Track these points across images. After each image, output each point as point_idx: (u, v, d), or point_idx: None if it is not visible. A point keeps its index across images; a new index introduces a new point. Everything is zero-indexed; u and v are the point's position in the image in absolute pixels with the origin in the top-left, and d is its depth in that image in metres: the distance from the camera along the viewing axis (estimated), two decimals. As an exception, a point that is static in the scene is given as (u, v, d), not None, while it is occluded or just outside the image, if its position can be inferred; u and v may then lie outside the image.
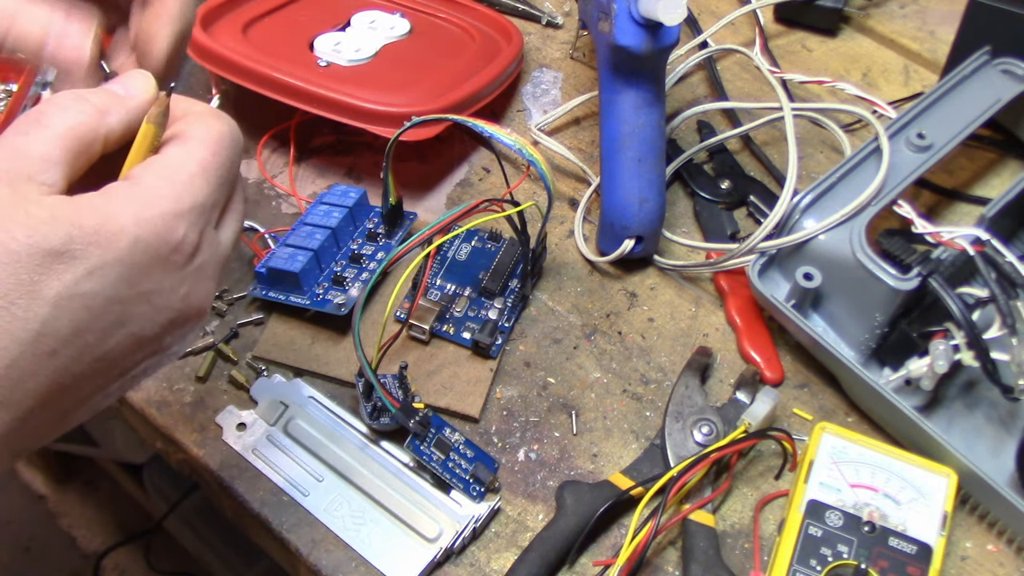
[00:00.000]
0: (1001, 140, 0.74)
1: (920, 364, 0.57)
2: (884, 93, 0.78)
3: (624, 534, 0.56)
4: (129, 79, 0.42)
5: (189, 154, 0.40)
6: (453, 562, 0.55)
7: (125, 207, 0.37)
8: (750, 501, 0.58)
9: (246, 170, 0.71)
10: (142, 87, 0.42)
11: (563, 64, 0.81)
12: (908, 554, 0.52)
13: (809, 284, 0.60)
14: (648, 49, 0.59)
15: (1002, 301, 0.55)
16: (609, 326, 0.65)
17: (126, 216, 0.37)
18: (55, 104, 0.39)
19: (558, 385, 0.62)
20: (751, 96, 0.78)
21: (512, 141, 0.57)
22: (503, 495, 0.57)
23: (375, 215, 0.68)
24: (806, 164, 0.74)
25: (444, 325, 0.63)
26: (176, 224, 0.38)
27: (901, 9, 0.86)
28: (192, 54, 0.70)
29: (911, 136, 0.63)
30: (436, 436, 0.56)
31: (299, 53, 0.72)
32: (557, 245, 0.69)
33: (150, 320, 0.38)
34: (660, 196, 0.64)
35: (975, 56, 0.68)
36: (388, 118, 0.66)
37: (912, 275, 0.57)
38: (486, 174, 0.73)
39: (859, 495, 0.54)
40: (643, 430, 0.60)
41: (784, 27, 0.84)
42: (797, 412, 0.61)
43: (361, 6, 0.78)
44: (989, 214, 0.60)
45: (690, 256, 0.69)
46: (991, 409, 0.60)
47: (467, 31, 0.79)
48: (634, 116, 0.62)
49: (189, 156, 0.40)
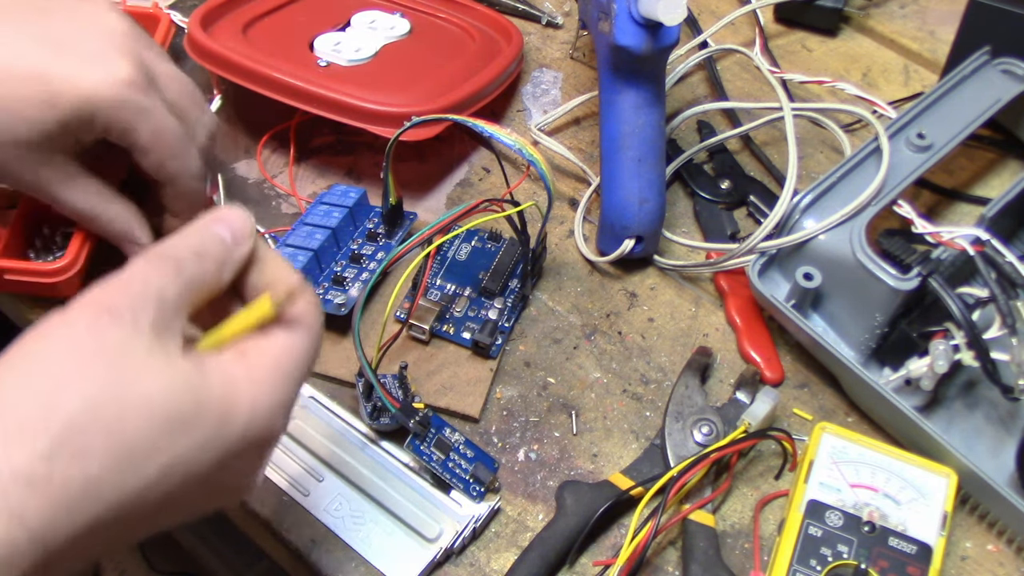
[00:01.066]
0: (1001, 140, 0.74)
1: (920, 364, 0.57)
2: (884, 93, 0.78)
3: (624, 534, 0.56)
4: (234, 222, 0.42)
5: (297, 346, 0.41)
6: (453, 562, 0.55)
7: (245, 390, 0.38)
8: (750, 501, 0.58)
9: (246, 170, 0.71)
10: (247, 234, 0.42)
11: (563, 64, 0.81)
12: (908, 554, 0.52)
13: (809, 284, 0.60)
14: (648, 49, 0.59)
15: (1002, 301, 0.55)
16: (609, 326, 0.65)
17: (244, 400, 0.38)
18: (187, 250, 0.40)
19: (558, 385, 0.62)
20: (751, 96, 0.78)
21: (512, 141, 0.57)
22: (503, 495, 0.57)
23: (375, 215, 0.68)
24: (806, 164, 0.74)
25: (444, 325, 0.63)
26: (278, 416, 0.40)
27: (901, 9, 0.86)
28: (192, 54, 0.70)
29: (911, 136, 0.63)
30: (436, 436, 0.56)
31: (299, 53, 0.72)
32: (557, 245, 0.69)
33: (223, 486, 0.40)
34: (660, 196, 0.64)
35: (975, 56, 0.68)
36: (388, 118, 0.66)
37: (912, 275, 0.57)
38: (486, 174, 0.73)
39: (859, 495, 0.54)
40: (643, 430, 0.60)
41: (784, 27, 0.84)
42: (797, 412, 0.61)
43: (361, 6, 0.78)
44: (989, 214, 0.60)
45: (690, 256, 0.69)
46: (991, 409, 0.60)
47: (467, 31, 0.79)
48: (634, 116, 0.62)
49: (297, 348, 0.41)
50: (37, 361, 0.36)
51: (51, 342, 0.36)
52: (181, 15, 0.76)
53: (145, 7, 0.75)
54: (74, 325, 0.37)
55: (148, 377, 0.36)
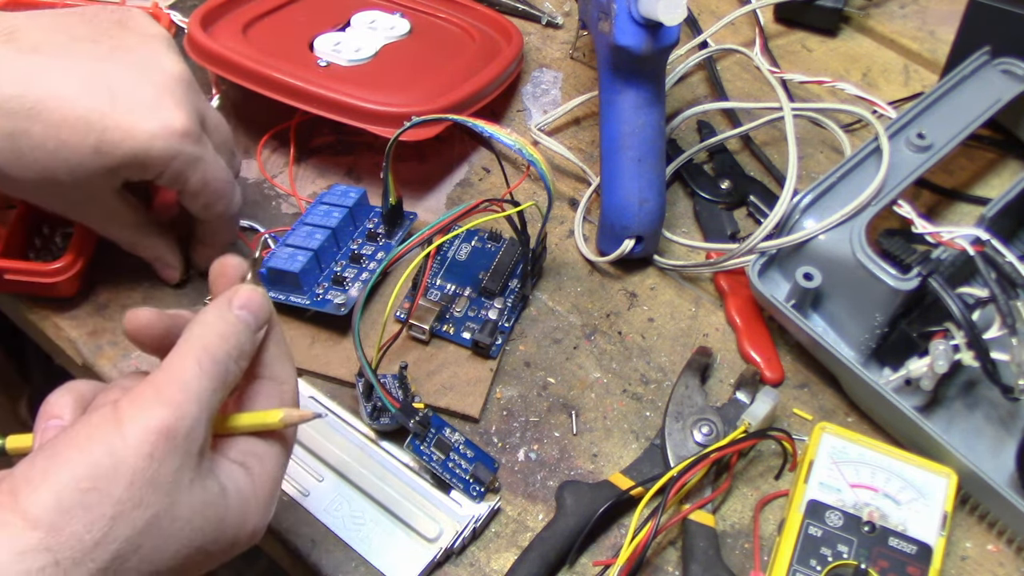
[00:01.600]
0: (1001, 140, 0.74)
1: (920, 364, 0.57)
2: (884, 93, 0.78)
3: (624, 534, 0.56)
4: (259, 311, 0.44)
5: (285, 462, 0.45)
6: (453, 562, 0.55)
7: (254, 510, 0.42)
8: (750, 501, 0.58)
9: (246, 170, 0.71)
10: (266, 320, 0.44)
11: (563, 64, 0.81)
12: (908, 554, 0.52)
13: (809, 284, 0.60)
14: (648, 49, 0.59)
15: (1002, 301, 0.55)
16: (609, 326, 0.65)
17: (253, 519, 0.42)
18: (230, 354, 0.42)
19: (558, 385, 0.62)
20: (751, 96, 0.78)
21: (512, 141, 0.57)
22: (503, 495, 0.57)
23: (375, 215, 0.68)
24: (806, 164, 0.74)
25: (444, 325, 0.63)
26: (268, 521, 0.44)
27: (901, 9, 0.86)
28: (192, 54, 0.70)
29: (911, 136, 0.63)
30: (436, 436, 0.56)
31: (299, 53, 0.72)
32: (557, 245, 0.69)
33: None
34: (660, 196, 0.64)
35: (975, 56, 0.68)
36: (388, 118, 0.66)
37: (912, 275, 0.57)
38: (486, 174, 0.73)
39: (859, 495, 0.54)
40: (643, 430, 0.60)
41: (784, 27, 0.84)
42: (797, 412, 0.61)
43: (361, 6, 0.78)
44: (989, 214, 0.60)
45: (690, 256, 0.69)
46: (991, 409, 0.60)
47: (467, 31, 0.79)
48: (634, 116, 0.62)
49: (285, 463, 0.45)
50: (98, 481, 0.36)
51: (107, 457, 0.37)
52: (181, 15, 0.76)
53: (145, 7, 0.76)
54: (131, 446, 0.37)
55: (189, 509, 0.38)
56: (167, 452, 0.37)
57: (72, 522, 0.36)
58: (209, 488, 0.40)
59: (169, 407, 0.38)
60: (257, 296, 0.44)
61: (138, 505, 0.37)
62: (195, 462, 0.39)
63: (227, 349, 0.41)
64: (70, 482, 0.36)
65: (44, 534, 0.35)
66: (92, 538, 0.36)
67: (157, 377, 0.39)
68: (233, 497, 0.41)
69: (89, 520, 0.36)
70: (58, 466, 0.36)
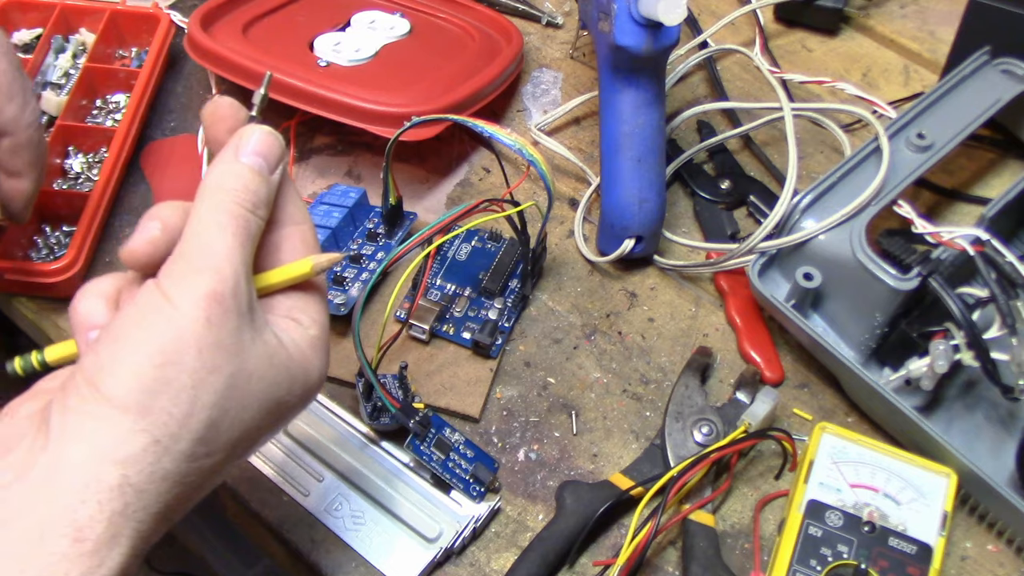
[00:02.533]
0: (1001, 140, 0.74)
1: (920, 364, 0.57)
2: (884, 93, 0.78)
3: (624, 534, 0.56)
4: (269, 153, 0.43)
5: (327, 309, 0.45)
6: (453, 562, 0.55)
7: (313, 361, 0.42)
8: (750, 501, 0.58)
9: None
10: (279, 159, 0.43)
11: (563, 64, 0.81)
12: (908, 554, 0.52)
13: (809, 284, 0.59)
14: (648, 49, 0.59)
15: (1002, 301, 0.55)
16: (609, 326, 0.65)
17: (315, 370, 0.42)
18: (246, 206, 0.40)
19: (558, 385, 0.62)
20: (751, 96, 0.78)
21: (512, 141, 0.57)
22: (503, 495, 0.57)
23: (375, 215, 0.68)
24: (806, 164, 0.74)
25: (444, 325, 0.63)
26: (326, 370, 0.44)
27: (901, 9, 0.86)
28: (192, 54, 0.70)
29: (911, 136, 0.63)
30: (436, 436, 0.56)
31: (299, 53, 0.72)
32: (557, 245, 0.69)
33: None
34: (660, 196, 0.64)
35: (975, 56, 0.68)
36: (388, 118, 0.66)
37: (912, 275, 0.57)
38: (486, 174, 0.73)
39: (859, 495, 0.54)
40: (643, 430, 0.60)
41: (784, 27, 0.84)
42: (797, 412, 0.61)
43: (361, 6, 0.78)
44: (989, 214, 0.60)
45: (690, 256, 0.69)
46: (991, 409, 0.60)
47: (467, 31, 0.79)
48: (634, 116, 0.62)
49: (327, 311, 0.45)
50: (169, 355, 0.36)
51: (169, 331, 0.37)
52: (181, 15, 0.76)
53: (145, 7, 0.76)
54: (187, 316, 0.37)
55: (258, 363, 0.39)
56: (222, 315, 0.37)
57: (159, 399, 0.36)
58: (269, 341, 0.40)
59: (206, 273, 0.38)
60: (265, 136, 0.42)
61: (212, 370, 0.37)
62: (249, 319, 0.39)
63: (244, 203, 0.40)
64: (144, 360, 0.36)
65: (136, 416, 0.35)
66: (180, 411, 0.36)
67: (184, 249, 0.39)
68: (292, 347, 0.41)
69: (173, 393, 0.36)
70: (126, 350, 0.36)
